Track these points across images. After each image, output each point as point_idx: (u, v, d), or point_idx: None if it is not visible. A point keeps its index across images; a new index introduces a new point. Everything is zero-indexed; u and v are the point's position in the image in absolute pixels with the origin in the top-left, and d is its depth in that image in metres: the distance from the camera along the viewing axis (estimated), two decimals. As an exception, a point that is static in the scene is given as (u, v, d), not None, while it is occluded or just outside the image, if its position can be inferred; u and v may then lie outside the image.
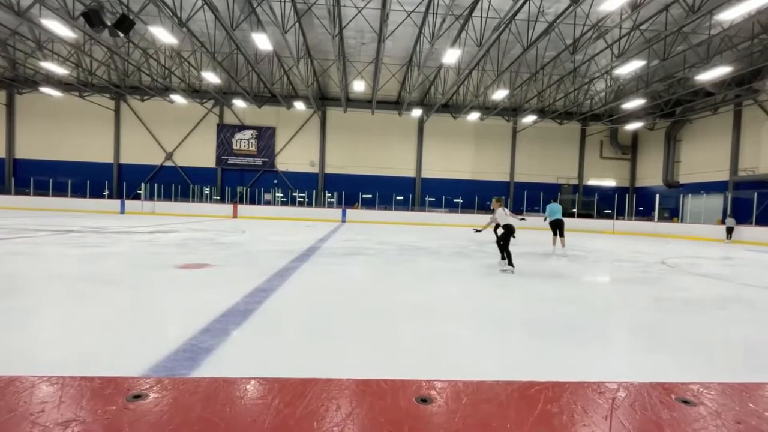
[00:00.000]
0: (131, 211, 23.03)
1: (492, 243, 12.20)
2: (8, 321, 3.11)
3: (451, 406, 0.69)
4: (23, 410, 0.60)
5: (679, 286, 5.99)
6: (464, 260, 7.85)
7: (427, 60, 17.13)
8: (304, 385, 0.73)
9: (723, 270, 8.06)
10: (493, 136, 28.07)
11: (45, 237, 8.90)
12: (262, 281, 4.86)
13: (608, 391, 0.77)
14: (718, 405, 0.73)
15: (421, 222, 23.73)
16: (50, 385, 0.69)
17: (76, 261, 5.92)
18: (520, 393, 0.74)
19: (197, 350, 2.57)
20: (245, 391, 0.71)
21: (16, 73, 23.26)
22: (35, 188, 24.42)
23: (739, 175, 20.63)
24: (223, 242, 9.24)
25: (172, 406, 0.63)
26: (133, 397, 0.65)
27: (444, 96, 22.31)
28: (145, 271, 5.43)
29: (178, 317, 3.45)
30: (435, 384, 0.76)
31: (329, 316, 3.59)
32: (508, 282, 5.79)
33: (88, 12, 11.78)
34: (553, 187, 28.44)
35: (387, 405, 0.68)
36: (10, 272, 5.02)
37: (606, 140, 28.64)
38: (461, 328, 3.44)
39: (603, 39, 15.74)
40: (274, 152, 27.12)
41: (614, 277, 6.88)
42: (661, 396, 0.75)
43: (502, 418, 0.66)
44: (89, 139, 26.34)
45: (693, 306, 4.68)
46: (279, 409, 0.64)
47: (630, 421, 0.67)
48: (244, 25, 15.92)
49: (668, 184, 24.87)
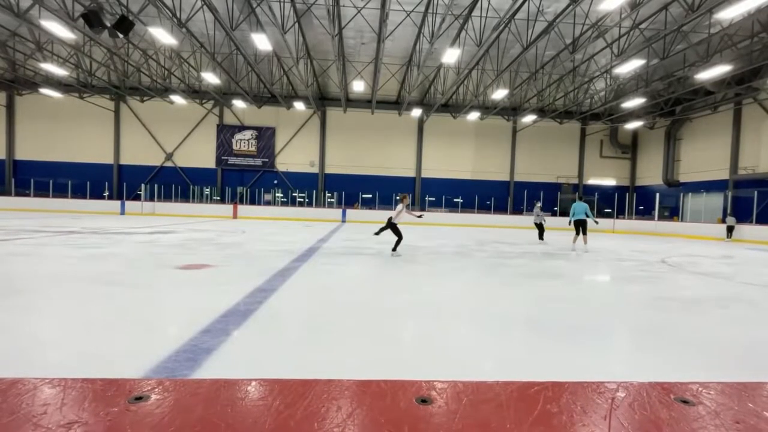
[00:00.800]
0: (131, 212, 23.04)
1: (492, 242, 12.20)
2: (9, 322, 3.11)
3: (451, 407, 0.69)
4: (26, 412, 0.61)
5: (679, 285, 5.99)
6: (464, 259, 7.85)
7: (426, 60, 17.13)
8: (304, 386, 0.73)
9: (723, 269, 8.07)
10: (493, 135, 28.07)
11: (45, 238, 8.91)
12: (262, 281, 4.87)
13: (607, 391, 0.77)
14: (717, 405, 0.74)
15: (421, 222, 23.71)
16: (52, 387, 0.69)
17: (77, 262, 5.93)
18: (520, 393, 0.74)
19: (198, 351, 2.57)
20: (246, 393, 0.72)
21: (16, 75, 23.27)
22: (36, 189, 24.44)
23: (739, 173, 20.62)
24: (224, 242, 9.25)
25: (173, 408, 0.64)
26: (134, 399, 0.66)
27: (444, 96, 22.31)
28: (146, 271, 5.44)
29: (178, 318, 3.45)
30: (435, 384, 0.77)
31: (329, 317, 3.60)
32: (508, 281, 5.80)
33: (87, 13, 11.78)
34: (554, 186, 28.45)
35: (387, 405, 0.68)
36: (11, 273, 5.02)
37: (606, 139, 28.64)
38: (461, 328, 3.44)
39: (602, 38, 15.74)
40: (274, 152, 27.13)
41: (614, 276, 6.89)
42: (660, 396, 0.76)
43: (502, 418, 0.66)
44: (89, 140, 26.35)
45: (693, 305, 4.69)
46: (280, 411, 0.64)
47: (629, 421, 0.67)
48: (244, 25, 15.92)
49: (668, 183, 24.87)
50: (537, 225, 13.30)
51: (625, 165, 29.18)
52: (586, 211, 10.21)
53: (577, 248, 10.43)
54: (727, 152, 21.31)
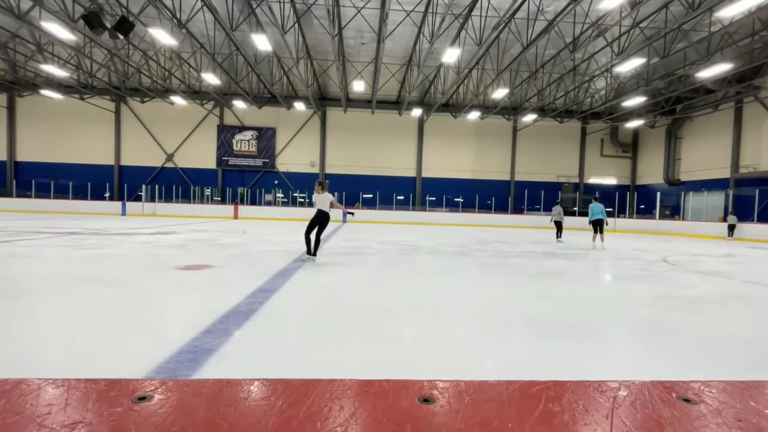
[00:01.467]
0: (132, 212, 23.06)
1: (493, 242, 12.20)
2: (10, 322, 3.12)
3: (453, 406, 0.69)
4: (30, 412, 0.61)
5: (680, 284, 5.98)
6: (465, 259, 7.85)
7: (426, 59, 17.12)
8: (307, 386, 0.73)
9: (725, 267, 8.05)
10: (494, 135, 28.05)
11: (47, 239, 8.93)
12: (263, 282, 4.87)
13: (609, 389, 0.77)
14: (719, 403, 0.74)
15: (422, 221, 23.73)
16: (56, 388, 0.70)
17: (78, 263, 5.94)
18: (522, 392, 0.74)
19: (199, 351, 2.57)
20: (249, 392, 0.72)
21: (17, 76, 23.29)
22: (37, 190, 24.47)
23: (740, 172, 20.59)
24: (224, 243, 9.26)
25: (176, 408, 0.64)
26: (138, 399, 0.66)
27: (444, 95, 22.30)
28: (147, 272, 5.44)
29: (179, 318, 3.46)
30: (437, 384, 0.77)
31: (330, 316, 3.60)
32: (509, 281, 5.79)
33: (87, 14, 11.80)
34: (554, 185, 28.43)
35: (389, 405, 0.69)
36: (13, 274, 5.03)
37: (606, 138, 28.60)
38: (462, 328, 3.44)
39: (603, 37, 15.72)
40: (274, 153, 27.14)
41: (616, 275, 6.88)
42: (662, 394, 0.76)
43: (504, 417, 0.66)
44: (90, 141, 26.38)
45: (695, 303, 4.68)
46: (282, 410, 0.65)
47: (631, 419, 0.67)
48: (244, 26, 15.93)
49: (669, 182, 24.83)
50: (556, 223, 13.74)
51: (625, 164, 29.14)
52: (603, 211, 11.07)
53: (597, 246, 11.11)
54: (728, 151, 21.27)
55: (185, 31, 14.85)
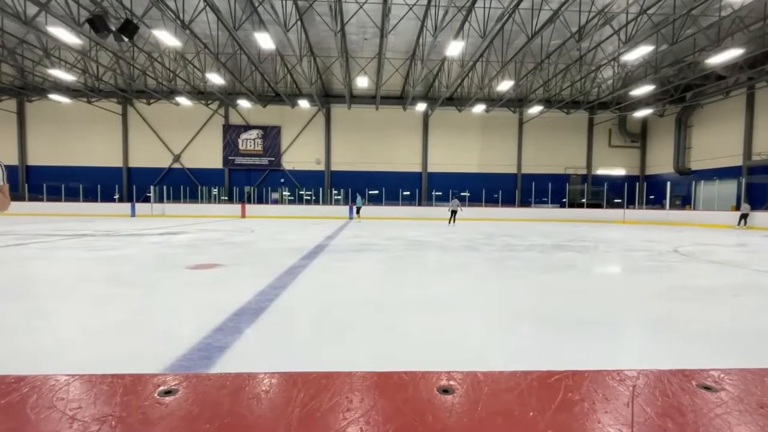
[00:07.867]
0: (141, 213, 23.35)
1: (501, 236, 12.14)
2: (27, 322, 3.19)
3: (472, 396, 0.70)
4: (61, 407, 0.63)
5: (692, 274, 5.91)
6: (472, 253, 7.84)
7: (430, 53, 17.01)
8: (327, 379, 0.74)
9: (738, 257, 7.93)
10: (499, 127, 27.83)
11: (59, 241, 9.09)
12: (272, 279, 4.92)
13: (628, 378, 0.77)
14: (740, 390, 0.73)
15: (429, 216, 23.69)
16: (83, 383, 0.72)
17: (91, 264, 6.04)
18: (540, 382, 0.75)
19: (212, 349, 2.61)
20: (270, 385, 0.73)
21: (25, 81, 23.63)
22: (48, 194, 24.87)
23: (752, 159, 20.19)
24: (233, 242, 9.34)
25: (202, 401, 0.65)
26: (163, 393, 0.68)
27: (448, 89, 22.15)
28: (158, 272, 5.52)
29: (191, 317, 3.51)
30: (454, 375, 0.77)
31: (340, 313, 3.62)
32: (518, 274, 5.77)
33: (92, 18, 11.91)
34: (562, 177, 28.17)
35: (409, 396, 0.69)
36: (28, 276, 5.14)
37: (614, 128, 28.22)
38: (473, 322, 3.45)
39: (609, 25, 15.46)
40: (279, 151, 27.24)
41: (626, 266, 6.82)
42: (682, 383, 0.75)
43: (524, 406, 0.67)
44: (98, 144, 26.72)
45: (708, 294, 4.63)
46: (305, 402, 0.66)
47: (652, 407, 0.67)
48: (247, 25, 15.95)
49: (679, 171, 24.45)
50: (452, 212, 16.00)
51: (634, 154, 28.75)
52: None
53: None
54: (740, 138, 20.86)
55: (189, 31, 14.92)
